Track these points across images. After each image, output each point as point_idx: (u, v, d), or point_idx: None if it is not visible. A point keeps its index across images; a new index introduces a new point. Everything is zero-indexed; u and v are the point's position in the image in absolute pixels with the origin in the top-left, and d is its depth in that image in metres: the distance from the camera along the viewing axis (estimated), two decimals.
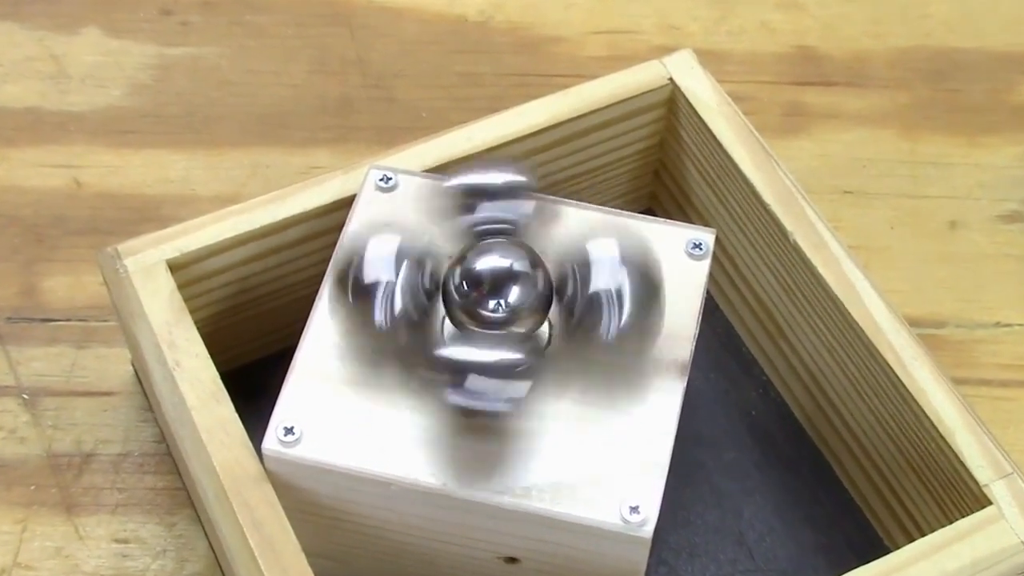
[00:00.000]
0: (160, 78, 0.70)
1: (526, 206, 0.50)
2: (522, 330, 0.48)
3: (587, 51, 0.72)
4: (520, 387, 0.46)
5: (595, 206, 0.53)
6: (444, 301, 0.48)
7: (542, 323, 0.49)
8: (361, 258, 0.48)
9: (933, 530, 0.49)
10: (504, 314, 0.47)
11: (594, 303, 0.47)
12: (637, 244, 0.49)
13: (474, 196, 0.49)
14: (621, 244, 0.49)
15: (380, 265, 0.48)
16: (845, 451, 0.56)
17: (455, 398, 0.46)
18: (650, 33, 0.73)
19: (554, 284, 0.49)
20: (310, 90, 0.70)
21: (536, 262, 0.48)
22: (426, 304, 0.48)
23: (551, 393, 0.48)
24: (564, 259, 0.49)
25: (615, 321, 0.47)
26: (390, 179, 0.54)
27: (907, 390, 0.51)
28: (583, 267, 0.48)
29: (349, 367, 0.49)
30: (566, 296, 0.48)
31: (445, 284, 0.48)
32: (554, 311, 0.49)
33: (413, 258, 0.48)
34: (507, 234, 0.49)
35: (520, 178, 0.50)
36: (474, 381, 0.45)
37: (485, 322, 0.48)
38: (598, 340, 0.47)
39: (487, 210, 0.49)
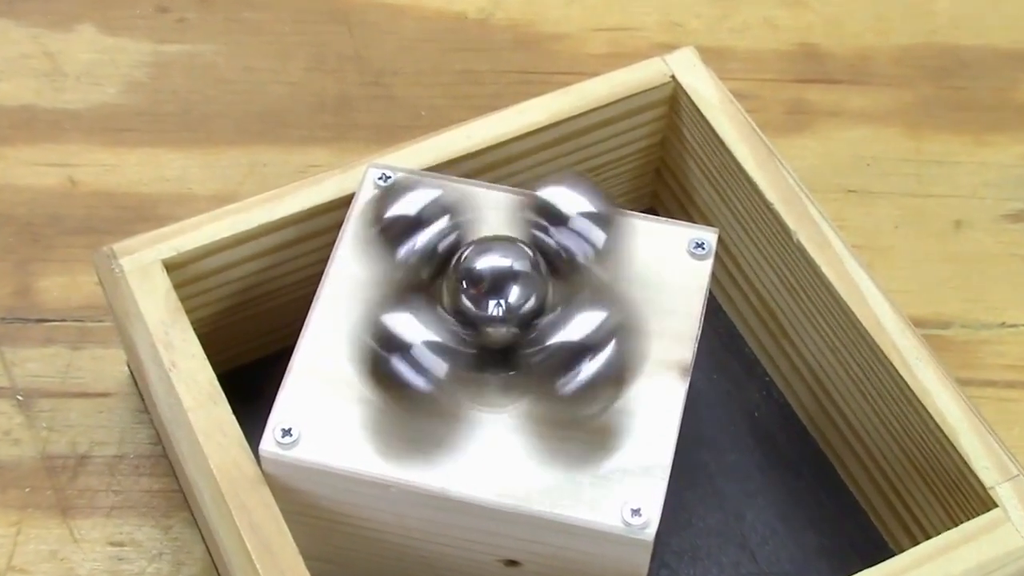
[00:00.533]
0: (156, 76, 0.70)
1: (599, 238, 0.49)
2: (516, 331, 0.48)
3: (588, 48, 0.72)
4: (438, 365, 0.46)
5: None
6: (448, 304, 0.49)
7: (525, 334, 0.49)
8: (384, 332, 0.47)
9: (938, 533, 0.49)
10: (502, 315, 0.48)
11: (563, 348, 0.46)
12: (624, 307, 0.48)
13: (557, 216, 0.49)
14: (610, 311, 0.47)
15: (408, 333, 0.47)
16: (849, 453, 0.56)
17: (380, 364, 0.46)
18: (652, 30, 0.73)
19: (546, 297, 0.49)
20: (308, 88, 0.70)
21: (537, 263, 0.48)
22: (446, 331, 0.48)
23: (545, 392, 0.48)
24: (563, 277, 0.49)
25: (584, 369, 0.46)
26: (389, 178, 0.54)
27: (911, 391, 0.51)
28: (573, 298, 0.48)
29: (348, 367, 0.49)
30: (545, 319, 0.48)
31: (447, 286, 0.49)
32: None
33: (422, 280, 0.48)
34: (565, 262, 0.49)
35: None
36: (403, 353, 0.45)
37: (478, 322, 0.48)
38: (561, 387, 0.46)
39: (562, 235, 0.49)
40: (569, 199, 0.50)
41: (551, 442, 0.48)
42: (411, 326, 0.46)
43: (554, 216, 0.49)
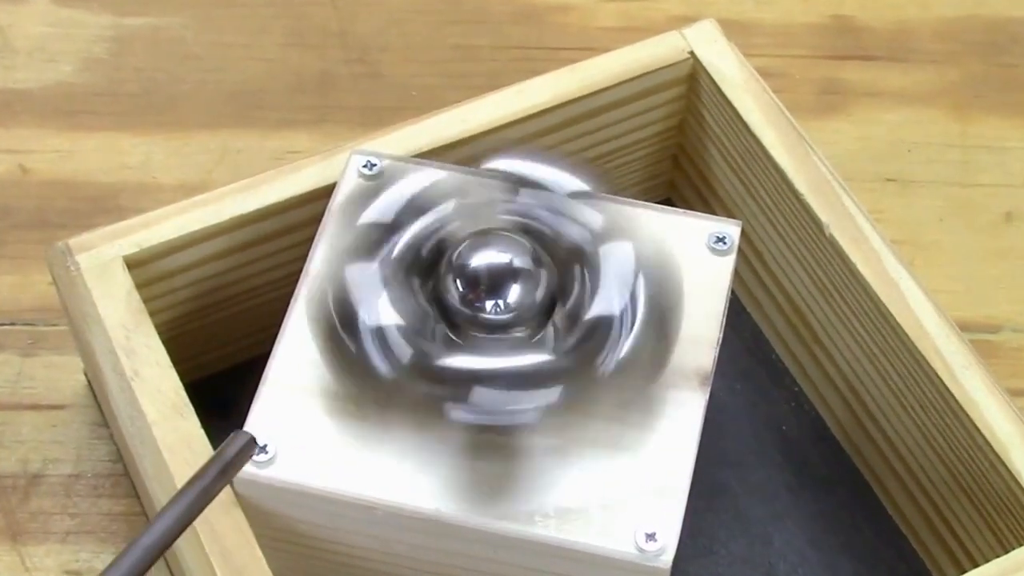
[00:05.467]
0: (117, 52, 0.70)
1: (560, 201, 0.50)
2: (522, 334, 0.48)
3: (597, 21, 0.72)
4: (547, 393, 0.46)
5: (607, 196, 0.53)
6: (437, 302, 0.49)
7: (545, 326, 0.49)
8: (339, 292, 0.48)
9: (987, 560, 0.49)
10: (504, 316, 0.48)
11: (600, 323, 0.48)
12: (655, 248, 0.49)
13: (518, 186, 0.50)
14: (637, 249, 0.49)
15: (365, 297, 0.48)
16: (888, 471, 0.56)
17: (462, 415, 0.46)
18: (668, 1, 0.73)
19: (558, 285, 0.49)
20: (286, 65, 0.70)
21: (538, 258, 0.48)
22: (430, 313, 0.48)
23: (586, 379, 0.48)
24: (571, 259, 0.49)
25: (622, 343, 0.48)
26: (374, 165, 0.54)
27: (957, 402, 0.51)
28: (592, 272, 0.48)
29: (328, 378, 0.49)
30: (570, 302, 0.49)
31: (437, 285, 0.49)
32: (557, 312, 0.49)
33: (401, 272, 0.49)
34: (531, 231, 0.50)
35: (584, 187, 0.50)
36: (483, 393, 0.46)
37: (483, 325, 0.48)
38: (600, 366, 0.47)
39: (524, 202, 0.50)
40: (518, 166, 0.51)
41: (557, 458, 0.48)
42: (480, 362, 0.47)
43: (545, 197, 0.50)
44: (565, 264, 0.49)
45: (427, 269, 0.50)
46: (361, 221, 0.50)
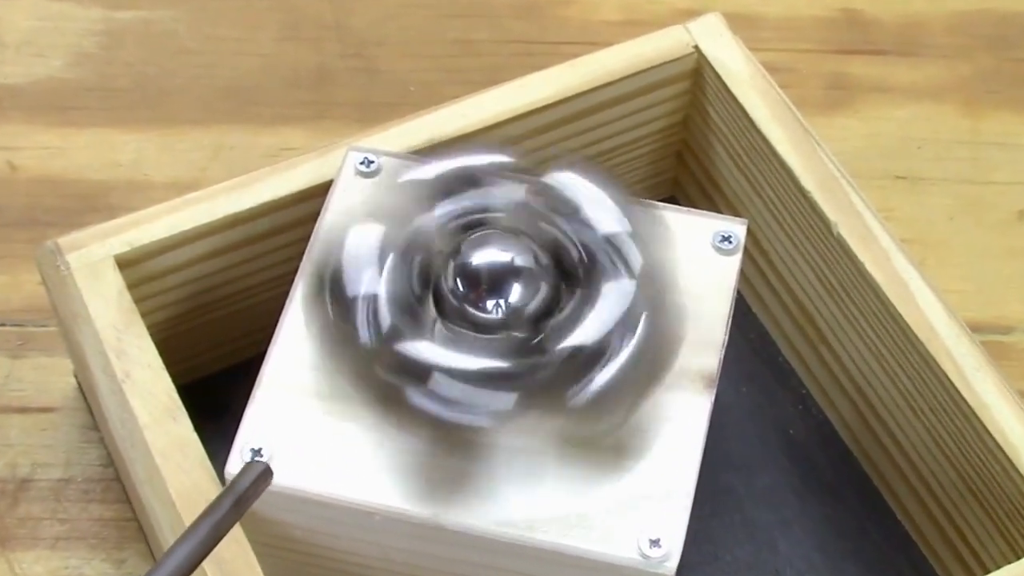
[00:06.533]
0: (107, 46, 0.70)
1: (515, 191, 0.50)
2: (522, 335, 0.48)
3: (600, 15, 0.72)
4: (504, 399, 0.46)
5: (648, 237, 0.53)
6: (435, 301, 0.49)
7: (533, 338, 0.49)
8: (339, 258, 0.48)
9: (999, 567, 0.49)
10: (503, 316, 0.48)
11: (576, 354, 0.47)
12: (666, 295, 0.48)
13: (455, 183, 0.50)
14: (647, 294, 0.48)
15: (362, 265, 0.48)
16: (897, 475, 0.56)
17: (422, 402, 0.46)
18: None
19: (553, 300, 0.49)
20: (281, 60, 0.70)
21: (540, 257, 0.48)
22: (418, 308, 0.48)
23: (554, 407, 0.48)
24: (577, 281, 0.49)
25: (597, 377, 0.46)
26: (372, 162, 0.54)
27: (968, 405, 0.51)
28: (591, 300, 0.48)
29: (325, 380, 0.49)
30: (560, 319, 0.48)
31: (437, 282, 0.48)
32: None
33: (399, 253, 0.48)
34: (493, 225, 0.49)
35: (506, 158, 0.50)
36: (446, 386, 0.45)
37: (480, 325, 0.48)
38: (570, 398, 0.46)
39: (471, 199, 0.49)
40: (581, 187, 0.50)
41: (558, 463, 0.48)
42: (440, 355, 0.46)
43: (565, 205, 0.49)
44: (568, 282, 0.49)
45: (441, 248, 0.49)
46: (403, 179, 0.50)
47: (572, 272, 0.49)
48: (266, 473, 0.45)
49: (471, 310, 0.48)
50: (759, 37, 0.70)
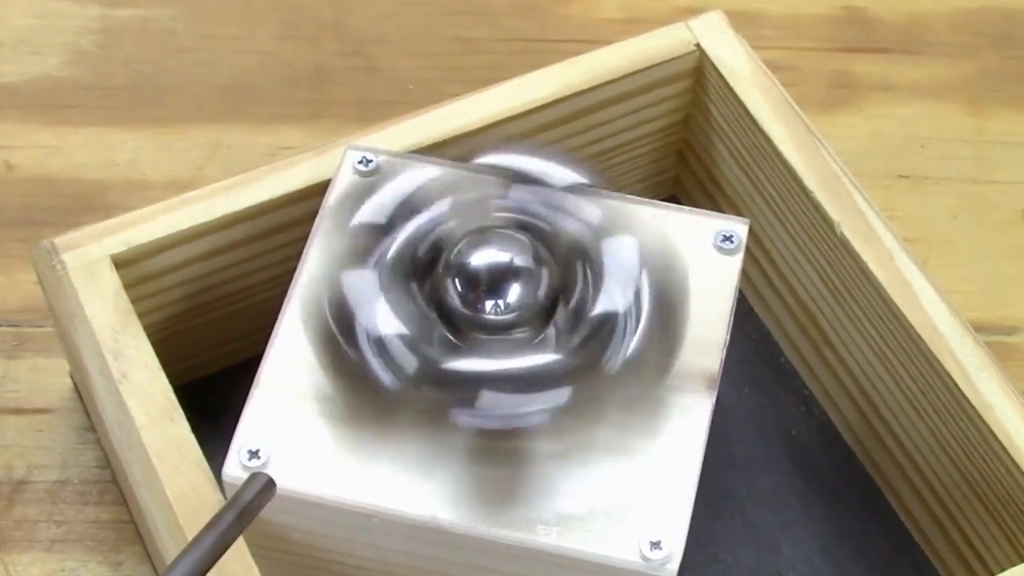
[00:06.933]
0: (104, 44, 0.70)
1: (557, 196, 0.50)
2: (524, 335, 0.48)
3: (600, 13, 0.72)
4: (557, 395, 0.46)
5: (610, 192, 0.53)
6: (437, 305, 0.49)
7: (547, 325, 0.49)
8: (336, 299, 0.48)
9: (1003, 569, 0.49)
10: (506, 316, 0.48)
11: (606, 320, 0.48)
12: (660, 243, 0.49)
13: (400, 213, 0.50)
14: (641, 244, 0.49)
15: (363, 305, 0.48)
16: (900, 477, 0.56)
17: (470, 420, 0.46)
18: None
19: (560, 283, 0.49)
20: (279, 58, 0.70)
21: (539, 256, 0.48)
22: (430, 317, 0.48)
23: (591, 374, 0.48)
24: (572, 255, 0.49)
25: (627, 342, 0.48)
26: (370, 161, 0.54)
27: (972, 406, 0.51)
28: (595, 268, 0.49)
29: (324, 382, 0.49)
30: (573, 300, 0.49)
31: (436, 287, 0.49)
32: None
33: (398, 275, 0.49)
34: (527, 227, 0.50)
35: (579, 180, 0.51)
36: (491, 397, 0.46)
37: (484, 326, 0.48)
38: (606, 364, 0.47)
39: (423, 219, 0.50)
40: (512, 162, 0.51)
41: (559, 464, 0.48)
42: (487, 364, 0.47)
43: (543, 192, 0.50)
44: (566, 261, 0.49)
45: (425, 271, 0.50)
46: (354, 222, 0.50)
47: (554, 251, 0.50)
48: (269, 485, 0.45)
49: (483, 315, 0.48)
50: (761, 35, 0.70)
